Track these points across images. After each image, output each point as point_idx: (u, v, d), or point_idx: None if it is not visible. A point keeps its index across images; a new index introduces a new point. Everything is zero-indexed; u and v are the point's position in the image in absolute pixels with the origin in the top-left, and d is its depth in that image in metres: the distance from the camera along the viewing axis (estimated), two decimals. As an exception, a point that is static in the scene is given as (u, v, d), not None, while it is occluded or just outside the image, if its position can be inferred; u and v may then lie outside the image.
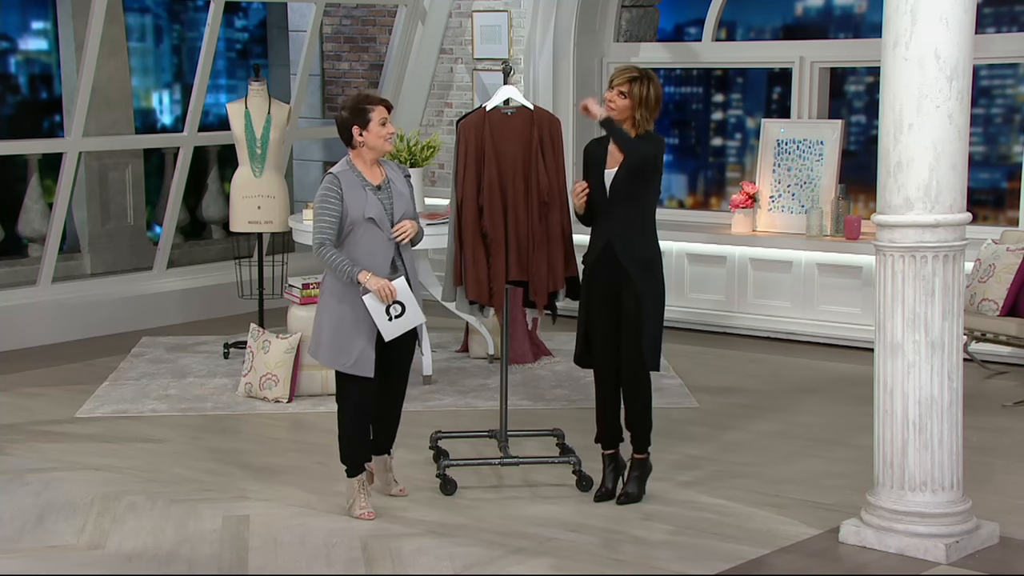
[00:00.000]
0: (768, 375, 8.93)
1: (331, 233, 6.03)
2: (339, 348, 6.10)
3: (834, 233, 9.82)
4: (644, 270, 6.23)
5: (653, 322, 6.24)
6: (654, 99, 6.19)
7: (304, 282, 8.41)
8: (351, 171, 6.10)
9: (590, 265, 6.35)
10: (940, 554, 5.56)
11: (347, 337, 6.09)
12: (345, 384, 6.19)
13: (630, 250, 6.22)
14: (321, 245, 6.04)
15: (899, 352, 5.58)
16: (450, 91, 11.37)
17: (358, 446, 6.24)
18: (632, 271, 6.21)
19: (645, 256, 6.25)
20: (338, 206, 6.02)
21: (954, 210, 5.53)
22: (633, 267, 6.21)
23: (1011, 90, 10.26)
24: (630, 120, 6.20)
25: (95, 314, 10.20)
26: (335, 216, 6.02)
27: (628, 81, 6.20)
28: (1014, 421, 7.79)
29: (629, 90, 6.18)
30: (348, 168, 6.10)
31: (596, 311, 6.34)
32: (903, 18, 5.45)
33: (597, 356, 6.39)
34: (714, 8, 10.63)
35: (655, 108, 6.21)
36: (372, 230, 6.06)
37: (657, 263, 6.30)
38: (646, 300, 6.21)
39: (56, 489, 6.58)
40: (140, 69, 12.67)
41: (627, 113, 6.20)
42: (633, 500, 6.35)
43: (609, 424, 6.45)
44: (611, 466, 6.46)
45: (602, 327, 6.34)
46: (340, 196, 6.02)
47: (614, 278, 6.26)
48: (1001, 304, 8.21)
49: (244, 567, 5.60)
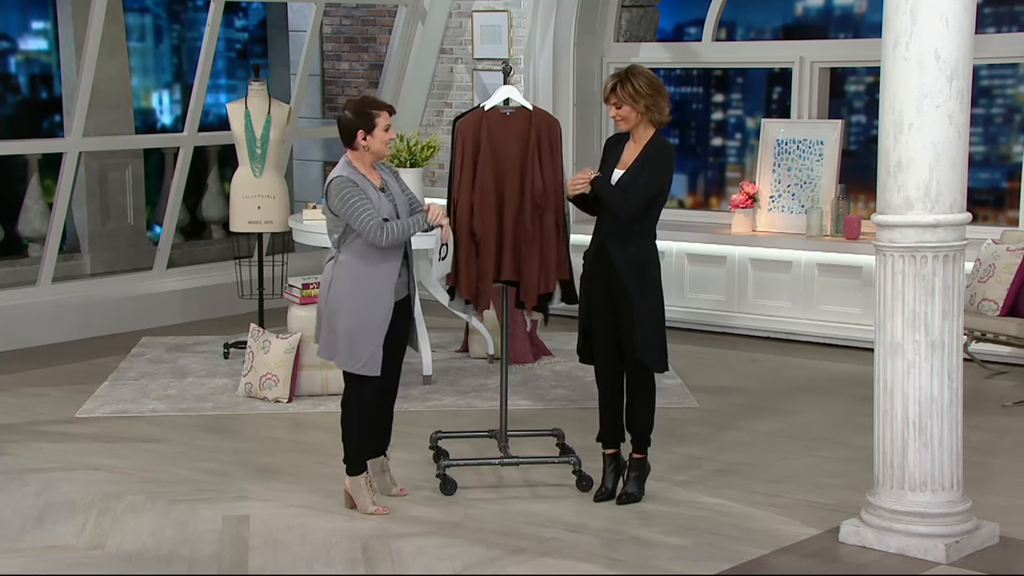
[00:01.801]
0: (768, 375, 8.93)
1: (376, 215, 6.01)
2: (352, 350, 6.13)
3: (834, 233, 9.82)
4: (637, 273, 6.20)
5: (651, 325, 6.22)
6: (645, 86, 6.12)
7: (304, 282, 8.40)
8: (357, 173, 6.12)
9: (588, 262, 6.35)
10: (940, 554, 5.56)
11: (361, 339, 6.11)
12: (355, 384, 6.22)
13: (623, 252, 6.20)
14: (381, 228, 6.01)
15: (899, 352, 5.58)
16: (450, 91, 11.37)
17: (365, 444, 6.29)
18: (624, 273, 6.19)
19: (638, 259, 6.21)
20: (365, 197, 6.02)
21: (954, 210, 5.53)
22: (625, 269, 6.19)
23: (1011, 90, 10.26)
24: (644, 120, 6.18)
25: (95, 314, 10.20)
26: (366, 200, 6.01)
27: (611, 90, 6.17)
28: (1014, 421, 7.79)
29: (619, 98, 6.15)
30: (353, 170, 6.12)
31: (594, 308, 6.34)
32: (903, 18, 5.45)
33: (596, 354, 6.39)
34: (714, 8, 10.62)
35: (653, 95, 6.13)
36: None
37: (652, 266, 6.25)
38: (640, 303, 6.19)
39: (56, 489, 6.58)
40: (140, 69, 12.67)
41: (633, 116, 6.16)
42: (633, 500, 6.35)
43: (610, 423, 6.45)
44: (612, 466, 6.46)
45: (599, 325, 6.33)
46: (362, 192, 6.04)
47: (607, 278, 6.25)
48: (1001, 304, 8.21)
49: (244, 567, 5.60)
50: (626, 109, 6.15)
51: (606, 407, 6.45)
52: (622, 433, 6.46)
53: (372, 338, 6.12)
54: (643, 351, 6.21)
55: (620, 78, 6.16)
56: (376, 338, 6.13)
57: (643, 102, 6.13)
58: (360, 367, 6.13)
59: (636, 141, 6.25)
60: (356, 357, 6.12)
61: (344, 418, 6.27)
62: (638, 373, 6.29)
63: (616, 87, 6.15)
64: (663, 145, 6.22)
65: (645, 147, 6.20)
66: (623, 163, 6.25)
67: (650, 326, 6.22)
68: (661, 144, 6.22)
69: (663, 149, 6.20)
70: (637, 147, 6.24)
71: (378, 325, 6.12)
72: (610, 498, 6.39)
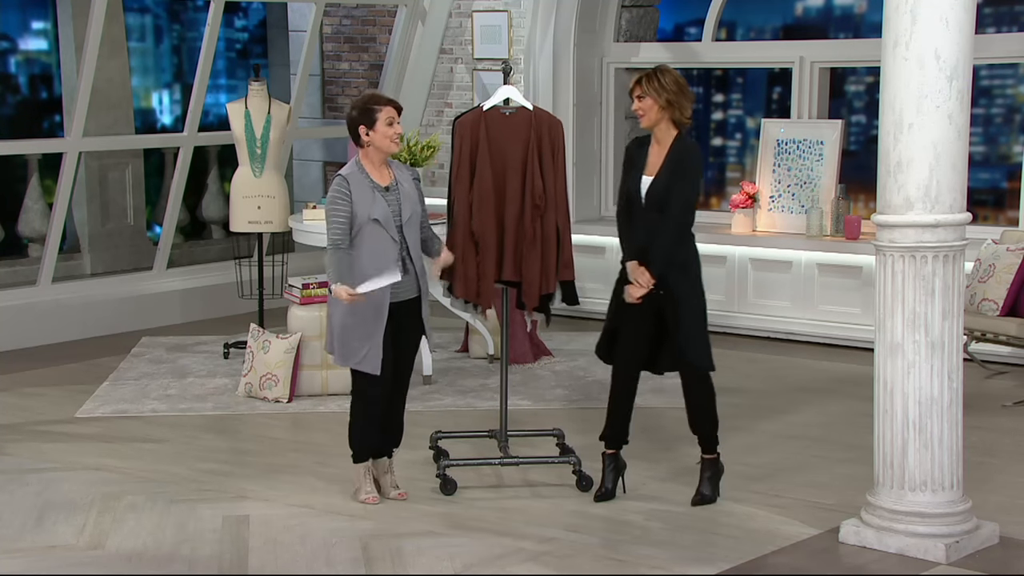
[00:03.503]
0: (768, 375, 8.93)
1: (342, 236, 6.09)
2: (347, 346, 6.17)
3: (834, 233, 9.82)
4: (680, 273, 6.20)
5: (696, 324, 6.22)
6: (671, 83, 6.15)
7: (304, 282, 8.40)
8: (360, 172, 6.14)
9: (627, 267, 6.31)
10: (940, 554, 5.56)
11: (354, 336, 6.15)
12: (358, 381, 6.27)
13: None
14: (334, 248, 6.10)
15: (899, 352, 5.58)
16: (450, 91, 11.37)
17: (367, 438, 6.34)
18: (668, 276, 6.17)
19: (681, 258, 6.20)
20: (347, 208, 6.08)
21: (954, 210, 5.53)
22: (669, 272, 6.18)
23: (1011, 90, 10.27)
24: (665, 118, 6.18)
25: (95, 314, 10.20)
26: (344, 218, 6.08)
27: (636, 83, 6.21)
28: (1014, 421, 7.79)
29: (642, 90, 6.17)
30: (357, 169, 6.15)
31: (627, 311, 6.29)
32: (903, 18, 5.44)
33: (619, 354, 6.36)
34: (714, 8, 10.62)
35: (678, 93, 6.16)
36: (377, 231, 6.10)
37: (693, 265, 6.26)
38: (685, 303, 6.19)
39: (56, 489, 6.58)
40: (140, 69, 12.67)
41: (655, 111, 6.17)
42: (708, 502, 6.32)
43: (617, 424, 6.43)
44: (611, 466, 6.45)
45: (632, 328, 6.28)
46: (349, 198, 6.08)
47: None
48: (1001, 304, 8.21)
49: (244, 567, 5.61)
50: (648, 101, 6.15)
51: (615, 408, 6.42)
52: (626, 436, 6.44)
53: (366, 335, 6.13)
54: (691, 350, 6.20)
55: (648, 73, 6.20)
56: (370, 335, 6.13)
57: (665, 96, 6.13)
58: (357, 363, 6.16)
59: (659, 143, 6.24)
60: (351, 352, 6.16)
61: (350, 409, 6.35)
62: (692, 373, 6.28)
63: (642, 79, 6.19)
64: (690, 146, 6.23)
65: (671, 150, 6.19)
66: (650, 168, 6.22)
67: (696, 325, 6.22)
68: (687, 146, 6.22)
69: (690, 150, 6.21)
70: (662, 150, 6.22)
71: (371, 322, 6.13)
72: (610, 498, 6.38)
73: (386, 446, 6.46)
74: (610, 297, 6.40)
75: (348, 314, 6.13)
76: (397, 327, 6.22)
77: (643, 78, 6.20)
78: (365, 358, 6.15)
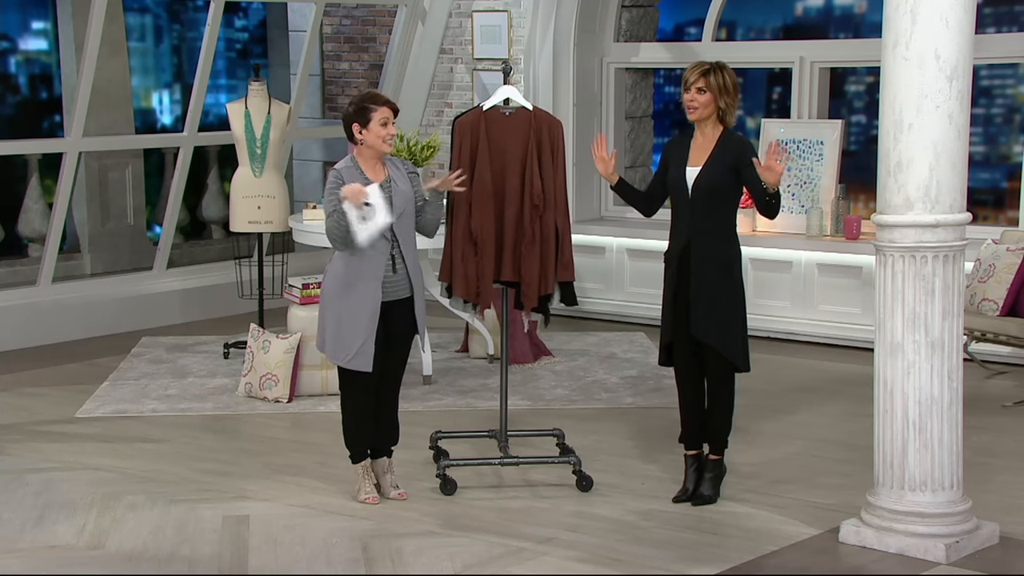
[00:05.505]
0: (768, 375, 8.92)
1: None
2: (339, 343, 6.17)
3: (834, 233, 9.82)
4: (723, 270, 6.21)
5: (735, 322, 6.23)
6: (731, 85, 6.18)
7: (304, 282, 8.40)
8: (354, 168, 6.16)
9: (673, 264, 6.29)
10: (940, 554, 5.56)
11: (346, 333, 6.15)
12: (345, 379, 6.27)
13: (710, 250, 6.20)
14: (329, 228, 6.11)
15: (899, 352, 5.58)
16: (450, 91, 11.37)
17: (361, 436, 6.35)
18: (711, 272, 6.17)
19: (726, 256, 6.22)
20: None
21: (954, 210, 5.53)
22: (712, 267, 6.18)
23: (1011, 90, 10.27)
24: (714, 115, 6.19)
25: (95, 314, 10.20)
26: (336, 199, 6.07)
27: (702, 75, 6.18)
28: (1014, 421, 7.79)
29: (707, 83, 6.17)
30: (351, 164, 6.16)
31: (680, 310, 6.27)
32: (903, 18, 5.44)
33: (677, 356, 6.36)
34: (714, 8, 10.62)
35: (735, 95, 6.19)
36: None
37: (737, 263, 6.27)
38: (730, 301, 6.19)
39: (56, 489, 6.58)
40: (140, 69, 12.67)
41: (711, 107, 6.17)
42: (708, 502, 6.32)
43: (690, 424, 6.43)
44: (693, 467, 6.42)
45: (684, 337, 6.27)
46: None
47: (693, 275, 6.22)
48: (1001, 304, 8.21)
49: (244, 567, 5.60)
50: (708, 97, 6.16)
51: (687, 410, 6.42)
52: (704, 434, 6.43)
53: (358, 332, 6.13)
54: (730, 350, 6.21)
55: (712, 67, 6.18)
56: (362, 333, 6.14)
57: (725, 99, 6.17)
58: (348, 361, 6.17)
59: (704, 137, 6.24)
60: (342, 349, 6.16)
61: (340, 409, 6.37)
62: (719, 374, 6.29)
63: (709, 73, 6.17)
64: (742, 139, 6.27)
65: (719, 143, 6.20)
66: (694, 160, 6.23)
67: (735, 325, 6.22)
68: (740, 139, 6.25)
69: (743, 142, 6.25)
70: (707, 143, 6.23)
71: (364, 320, 6.13)
72: (689, 499, 6.36)
73: (383, 445, 6.46)
74: (661, 311, 6.40)
75: (340, 311, 6.14)
76: (388, 326, 6.22)
77: (709, 72, 6.18)
78: (356, 356, 6.15)
